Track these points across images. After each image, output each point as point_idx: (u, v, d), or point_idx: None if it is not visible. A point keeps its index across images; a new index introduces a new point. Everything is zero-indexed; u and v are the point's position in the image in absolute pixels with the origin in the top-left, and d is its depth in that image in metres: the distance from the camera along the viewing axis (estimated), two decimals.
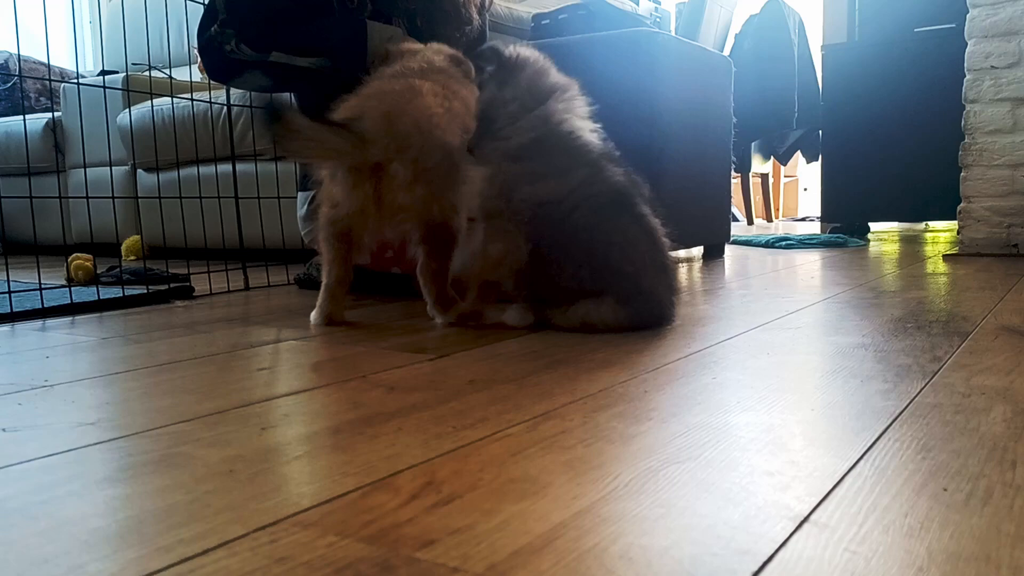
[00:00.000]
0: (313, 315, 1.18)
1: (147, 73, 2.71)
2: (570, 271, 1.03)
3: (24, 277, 1.71)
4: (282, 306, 1.40)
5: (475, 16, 1.65)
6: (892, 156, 2.86)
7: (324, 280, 1.18)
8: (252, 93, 2.24)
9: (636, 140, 1.91)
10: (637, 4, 2.68)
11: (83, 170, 2.04)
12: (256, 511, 0.47)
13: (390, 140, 1.06)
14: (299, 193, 1.60)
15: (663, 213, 1.15)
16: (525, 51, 1.11)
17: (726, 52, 3.52)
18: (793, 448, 0.57)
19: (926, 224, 3.86)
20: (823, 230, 3.09)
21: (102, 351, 1.01)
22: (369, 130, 1.05)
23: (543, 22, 2.26)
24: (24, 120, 3.04)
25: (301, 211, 1.59)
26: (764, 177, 4.75)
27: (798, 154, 4.27)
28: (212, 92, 2.36)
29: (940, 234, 3.29)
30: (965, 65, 2.15)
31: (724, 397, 0.71)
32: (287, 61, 1.46)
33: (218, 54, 1.47)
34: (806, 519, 0.45)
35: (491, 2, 1.74)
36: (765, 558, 0.40)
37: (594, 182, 1.05)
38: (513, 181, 1.04)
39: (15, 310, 1.30)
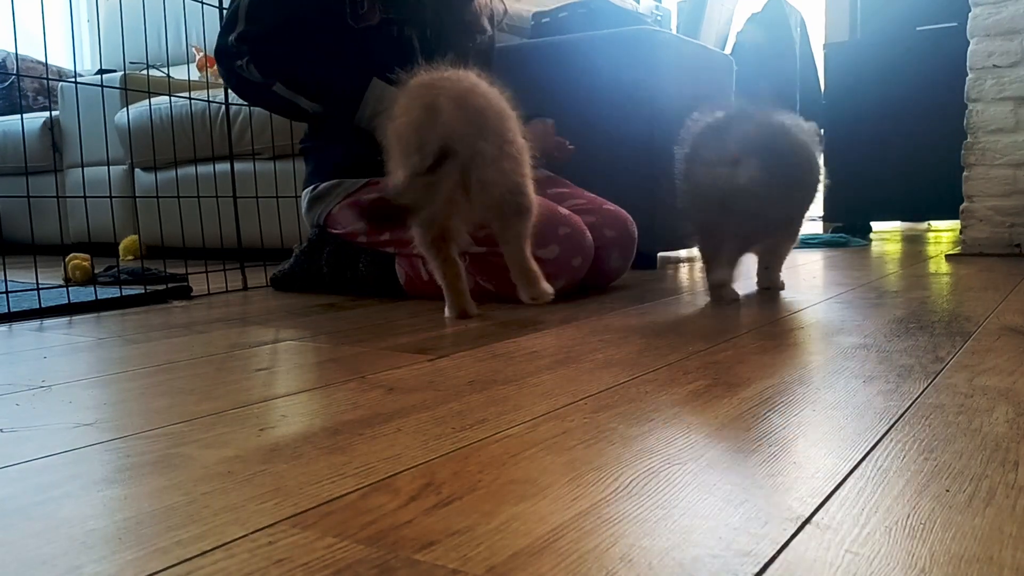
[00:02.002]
0: (446, 311, 1.21)
1: (145, 72, 2.71)
2: None
3: (21, 277, 1.71)
4: (281, 306, 1.40)
5: (487, 26, 1.65)
6: (894, 155, 2.85)
7: (441, 283, 1.19)
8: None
9: (637, 138, 1.91)
10: (638, 2, 2.68)
11: (81, 169, 2.04)
12: (254, 512, 0.47)
13: (468, 123, 1.06)
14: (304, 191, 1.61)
15: (664, 212, 1.18)
16: None
17: (727, 50, 3.52)
18: (795, 449, 0.57)
19: (928, 224, 3.85)
20: (825, 230, 3.09)
21: (100, 351, 1.00)
22: (445, 122, 1.05)
23: (543, 20, 2.25)
24: (22, 119, 3.04)
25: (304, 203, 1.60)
26: None
27: None
28: (210, 91, 2.36)
29: (942, 234, 3.29)
30: (967, 64, 2.14)
31: (725, 397, 0.71)
32: (288, 97, 1.48)
33: (229, 63, 1.49)
34: (808, 520, 0.44)
35: (505, 13, 1.74)
36: (767, 560, 0.40)
37: None
38: None
39: (12, 310, 1.30)
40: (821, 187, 1.36)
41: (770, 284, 1.44)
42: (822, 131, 1.36)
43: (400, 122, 1.11)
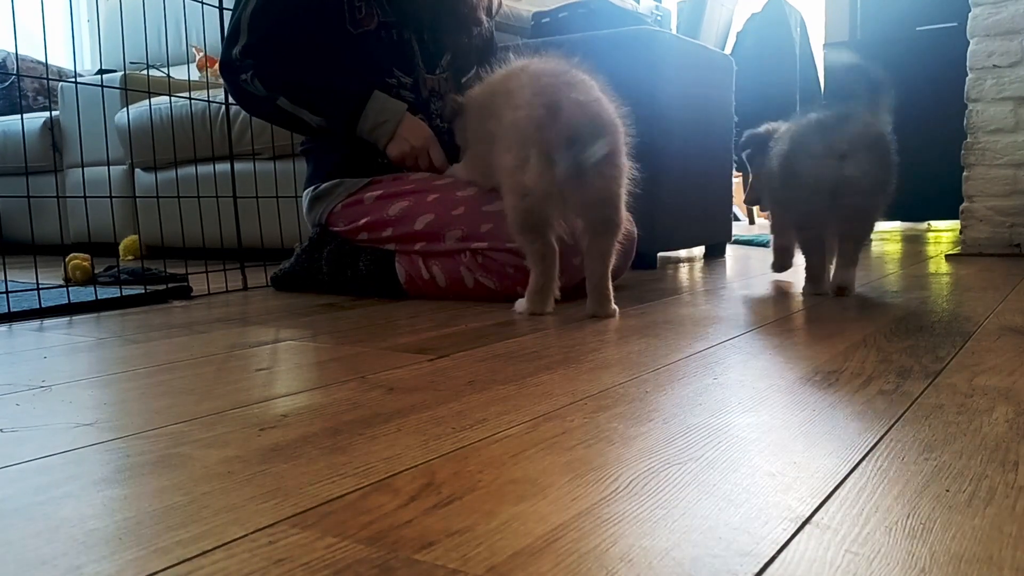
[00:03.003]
0: (523, 304, 1.21)
1: (145, 72, 2.71)
2: None
3: (22, 277, 1.71)
4: (281, 306, 1.40)
5: (484, 19, 1.65)
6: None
7: (535, 269, 1.19)
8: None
9: (637, 139, 1.91)
10: (638, 2, 2.68)
11: (81, 169, 2.04)
12: (254, 512, 0.47)
13: (588, 130, 1.08)
14: (306, 191, 1.61)
15: (664, 212, 1.20)
16: None
17: (727, 51, 3.52)
18: (795, 449, 0.57)
19: (928, 224, 3.85)
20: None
21: (100, 351, 1.00)
22: (568, 124, 1.07)
23: (543, 20, 2.25)
24: (22, 119, 3.04)
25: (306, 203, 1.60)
26: None
27: None
28: (210, 91, 2.36)
29: (942, 234, 3.29)
30: (967, 64, 2.14)
31: (725, 398, 0.71)
32: (292, 111, 1.48)
33: (234, 78, 1.49)
34: (808, 520, 0.44)
35: (499, 5, 1.74)
36: (767, 560, 0.40)
37: None
38: None
39: (13, 310, 1.30)
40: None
41: (846, 284, 1.39)
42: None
43: (521, 115, 1.13)
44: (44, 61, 2.48)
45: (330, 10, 1.47)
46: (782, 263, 1.62)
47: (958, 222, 2.24)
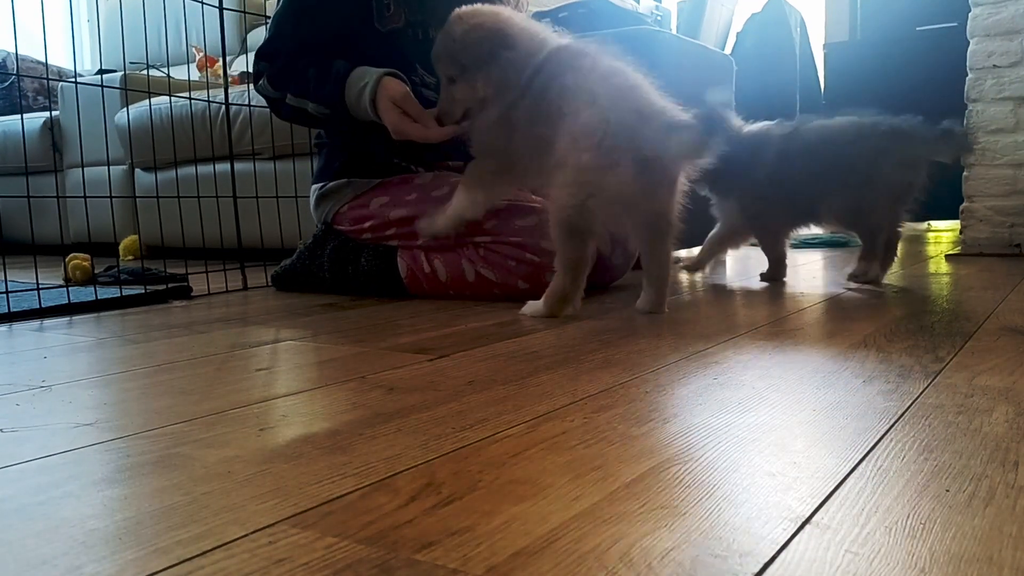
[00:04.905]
0: (535, 307, 1.19)
1: (145, 72, 2.71)
2: None
3: (22, 277, 1.71)
4: (281, 306, 1.40)
5: None
6: None
7: (565, 278, 1.15)
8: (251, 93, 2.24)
9: None
10: (638, 2, 2.68)
11: (81, 169, 2.04)
12: (254, 512, 0.47)
13: (682, 139, 1.09)
14: (314, 186, 1.60)
15: None
16: None
17: (727, 51, 3.52)
18: (795, 449, 0.57)
19: (928, 224, 3.85)
20: (825, 230, 3.08)
21: (100, 351, 1.00)
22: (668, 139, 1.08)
23: (543, 20, 2.25)
24: (22, 119, 3.04)
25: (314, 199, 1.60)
26: None
27: None
28: (210, 91, 2.36)
29: (942, 234, 3.29)
30: (967, 64, 2.14)
31: (725, 397, 0.71)
32: (298, 104, 1.47)
33: (255, 84, 1.50)
34: (808, 520, 0.44)
35: (528, 1, 1.74)
36: (767, 560, 0.40)
37: None
38: None
39: (13, 310, 1.30)
40: None
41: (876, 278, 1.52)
42: None
43: (612, 119, 1.09)
44: (44, 61, 2.48)
45: (356, 8, 1.47)
46: (774, 273, 1.63)
47: (958, 222, 2.23)
